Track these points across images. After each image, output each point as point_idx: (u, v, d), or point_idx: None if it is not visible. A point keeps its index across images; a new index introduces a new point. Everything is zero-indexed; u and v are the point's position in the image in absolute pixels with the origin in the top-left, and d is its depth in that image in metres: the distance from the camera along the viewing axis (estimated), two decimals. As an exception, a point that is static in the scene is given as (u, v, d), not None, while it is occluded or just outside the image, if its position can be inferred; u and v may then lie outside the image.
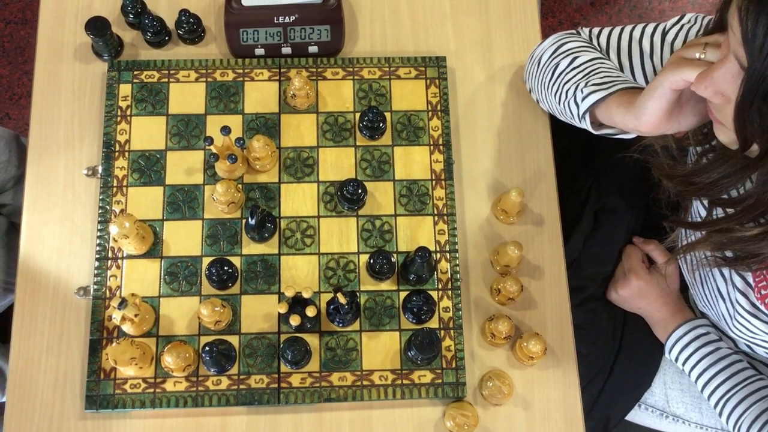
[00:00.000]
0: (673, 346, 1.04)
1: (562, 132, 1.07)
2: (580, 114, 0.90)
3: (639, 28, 0.95)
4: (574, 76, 0.92)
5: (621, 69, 0.96)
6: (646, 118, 0.78)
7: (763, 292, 0.84)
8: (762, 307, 0.83)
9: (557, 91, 0.95)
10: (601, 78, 0.89)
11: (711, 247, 0.81)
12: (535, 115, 1.07)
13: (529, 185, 1.04)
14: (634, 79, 0.95)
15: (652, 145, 0.89)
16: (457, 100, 1.07)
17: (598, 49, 0.98)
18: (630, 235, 1.13)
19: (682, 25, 0.91)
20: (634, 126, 0.81)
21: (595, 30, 0.99)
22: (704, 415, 1.10)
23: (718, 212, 0.83)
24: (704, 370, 0.99)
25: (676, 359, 1.03)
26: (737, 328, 0.91)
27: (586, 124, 0.91)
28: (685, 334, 1.02)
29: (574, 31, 1.00)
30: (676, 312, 1.06)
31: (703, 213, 0.88)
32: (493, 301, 0.99)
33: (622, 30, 0.97)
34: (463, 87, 1.08)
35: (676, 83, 0.73)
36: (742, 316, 0.88)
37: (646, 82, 0.95)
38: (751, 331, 0.89)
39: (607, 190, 1.15)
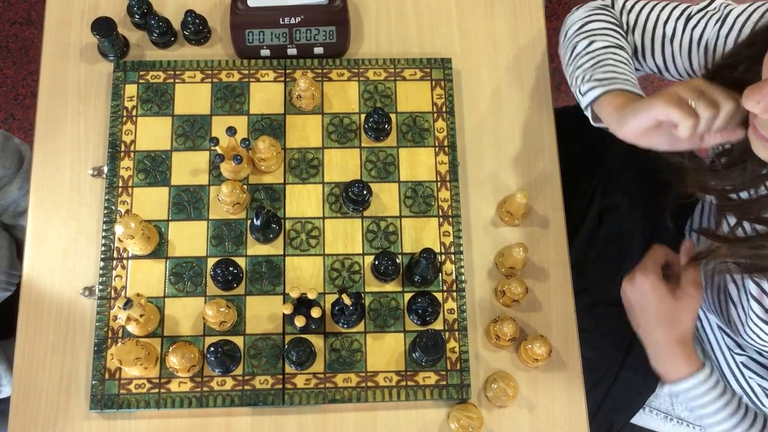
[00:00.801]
0: (678, 392, 0.94)
1: (568, 135, 1.07)
2: (583, 106, 0.93)
3: (668, 8, 0.95)
4: (587, 62, 0.93)
5: (642, 49, 0.96)
6: (625, 129, 0.81)
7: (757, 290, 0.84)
8: None
9: (571, 73, 0.97)
10: (605, 73, 0.90)
11: (736, 258, 0.81)
12: (541, 117, 1.07)
13: (535, 187, 1.04)
14: (653, 59, 0.96)
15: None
16: (463, 101, 1.07)
17: (624, 27, 0.97)
18: (635, 235, 1.13)
19: (707, 12, 0.91)
20: (614, 130, 0.84)
21: (629, 3, 0.98)
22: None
23: (747, 228, 0.82)
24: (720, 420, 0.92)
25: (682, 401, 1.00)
26: (748, 335, 0.91)
27: (588, 114, 0.93)
28: (695, 386, 0.92)
29: (608, 3, 0.99)
30: (675, 343, 0.92)
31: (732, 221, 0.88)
32: (497, 303, 0.99)
33: (652, 9, 0.96)
34: (469, 89, 1.08)
35: (662, 116, 0.75)
36: (755, 323, 0.88)
37: (660, 67, 0.96)
38: (762, 339, 0.89)
39: (612, 192, 1.15)
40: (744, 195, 0.82)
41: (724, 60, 0.81)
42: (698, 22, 0.91)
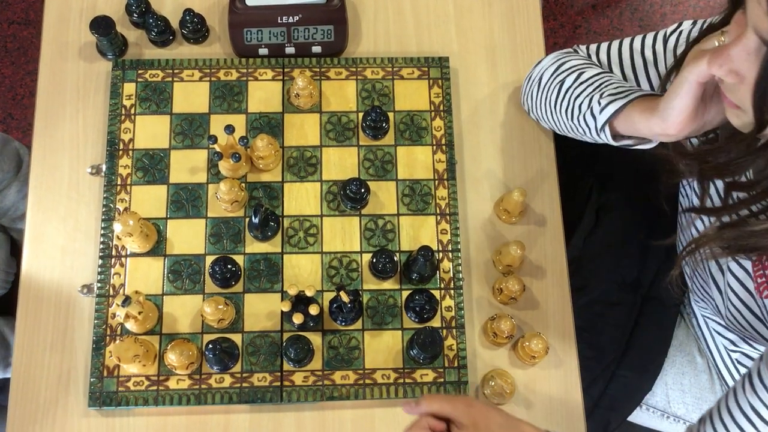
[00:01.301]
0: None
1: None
2: (599, 126, 0.88)
3: (638, 39, 0.94)
4: (585, 89, 0.91)
5: (626, 81, 0.95)
6: (673, 119, 0.77)
7: (759, 280, 0.84)
8: (758, 297, 0.84)
9: (567, 107, 0.93)
10: (616, 89, 0.88)
11: (722, 243, 0.79)
12: (538, 116, 1.08)
13: (532, 185, 1.04)
14: (664, 88, 0.92)
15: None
16: (460, 100, 1.08)
17: (599, 65, 0.97)
18: (633, 233, 1.13)
19: (681, 31, 0.90)
20: (662, 129, 0.79)
21: (593, 47, 0.98)
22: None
23: (734, 199, 0.81)
24: None
25: None
26: (729, 319, 0.91)
27: (605, 136, 0.89)
28: None
29: (571, 50, 1.00)
30: None
31: (718, 202, 0.86)
32: (495, 301, 0.99)
33: (621, 43, 0.96)
34: (466, 87, 1.09)
35: (701, 74, 0.71)
36: (735, 306, 0.88)
37: (653, 90, 0.94)
38: (741, 323, 0.89)
39: (609, 189, 1.15)
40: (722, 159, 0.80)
41: (698, 36, 0.78)
42: (677, 40, 0.90)
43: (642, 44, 0.93)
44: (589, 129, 0.91)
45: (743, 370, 1.05)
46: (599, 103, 0.87)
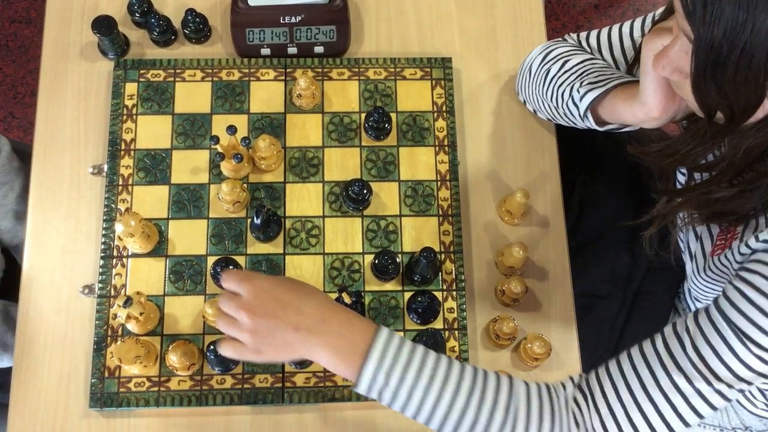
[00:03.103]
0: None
1: None
2: (582, 113, 0.91)
3: (627, 23, 0.96)
4: (567, 78, 0.93)
5: (616, 65, 0.96)
6: (651, 101, 0.80)
7: (718, 242, 0.86)
8: (711, 258, 0.85)
9: (553, 95, 0.95)
10: (596, 77, 0.90)
11: (692, 207, 0.84)
12: (540, 117, 1.07)
13: (534, 187, 1.04)
14: (631, 73, 0.95)
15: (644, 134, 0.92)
16: (463, 101, 1.07)
17: (589, 51, 0.98)
18: (617, 222, 1.13)
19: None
20: (644, 114, 0.82)
21: (583, 34, 1.00)
22: None
23: (697, 178, 0.85)
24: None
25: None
26: (698, 290, 0.93)
27: (589, 123, 0.92)
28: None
29: (560, 39, 1.01)
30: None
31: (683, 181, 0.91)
32: (497, 302, 0.99)
33: (610, 29, 0.97)
34: (469, 88, 1.08)
35: (658, 43, 0.75)
36: (700, 275, 0.91)
37: None
38: (705, 293, 0.92)
39: (593, 182, 1.16)
40: (709, 158, 0.84)
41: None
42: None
43: (631, 27, 0.95)
44: (574, 117, 0.93)
45: None
46: (578, 92, 0.90)
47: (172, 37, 1.08)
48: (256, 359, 0.79)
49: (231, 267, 0.94)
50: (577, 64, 0.94)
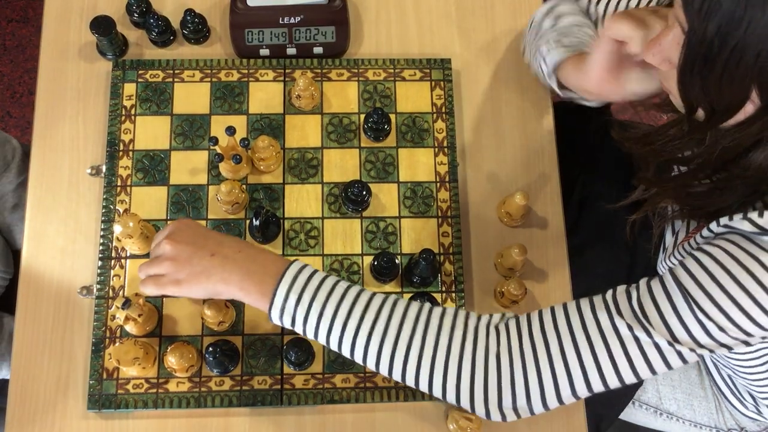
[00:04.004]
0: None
1: None
2: (547, 73, 0.95)
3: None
4: (551, 35, 0.95)
5: None
6: (591, 73, 0.84)
7: (690, 234, 0.86)
8: (678, 246, 0.86)
9: (534, 51, 0.98)
10: (570, 41, 0.92)
11: (668, 199, 0.85)
12: (540, 119, 1.07)
13: (534, 188, 1.04)
14: None
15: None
16: (462, 102, 1.07)
17: (593, 17, 0.99)
18: (617, 223, 1.12)
19: None
20: (583, 82, 0.86)
21: None
22: (696, 412, 1.10)
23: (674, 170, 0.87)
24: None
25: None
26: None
27: (553, 85, 0.95)
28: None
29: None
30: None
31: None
32: (496, 304, 0.99)
33: (618, 1, 0.97)
34: (468, 89, 1.08)
35: (617, 33, 0.78)
36: (663, 264, 0.92)
37: None
38: None
39: (592, 182, 1.16)
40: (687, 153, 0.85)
41: None
42: None
43: (638, 3, 0.95)
44: (545, 75, 0.96)
45: (729, 366, 1.05)
46: (549, 51, 0.93)
47: (171, 38, 1.07)
48: (177, 291, 0.83)
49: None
50: (567, 25, 0.95)
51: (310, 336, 0.80)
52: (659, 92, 0.85)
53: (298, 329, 0.80)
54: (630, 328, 0.72)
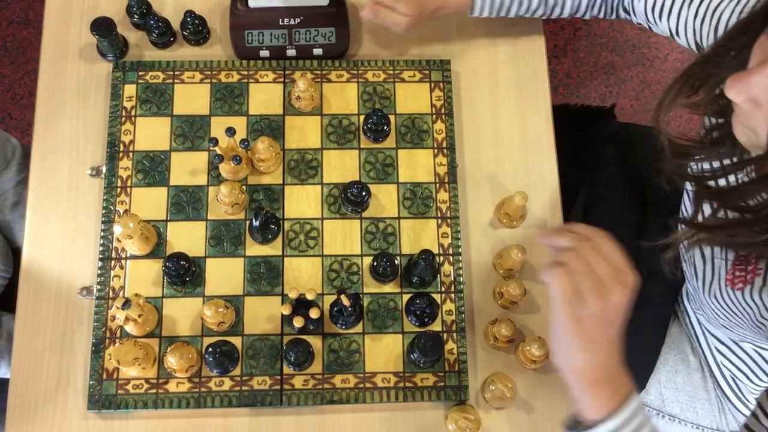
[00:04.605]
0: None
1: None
2: None
3: None
4: None
5: (661, 8, 0.95)
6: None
7: (737, 273, 0.83)
8: (727, 288, 0.84)
9: None
10: None
11: (714, 245, 0.80)
12: (539, 119, 1.07)
13: (533, 189, 1.04)
14: (668, 21, 0.94)
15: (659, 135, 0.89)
16: (461, 103, 1.08)
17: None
18: (622, 228, 1.13)
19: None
20: None
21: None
22: (699, 414, 1.10)
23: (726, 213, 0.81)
24: None
25: None
26: (710, 302, 0.92)
27: None
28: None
29: None
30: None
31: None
32: (495, 305, 0.99)
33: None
34: (467, 90, 1.08)
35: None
36: (710, 298, 0.89)
37: (672, 30, 0.95)
38: (723, 309, 0.90)
39: (597, 186, 1.16)
40: (722, 183, 0.80)
41: (719, 43, 0.76)
42: (733, 11, 0.87)
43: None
44: None
45: (733, 369, 1.05)
46: None
47: (171, 39, 1.08)
48: (575, 308, 0.71)
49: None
50: None
51: None
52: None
53: None
54: None
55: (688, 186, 1.00)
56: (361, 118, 1.04)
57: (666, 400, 1.10)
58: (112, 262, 0.96)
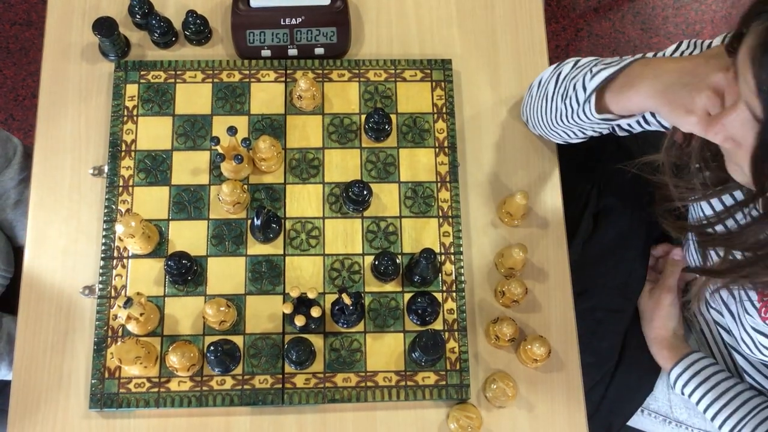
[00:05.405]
0: (675, 381, 1.03)
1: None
2: (588, 94, 0.84)
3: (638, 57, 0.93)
4: (581, 71, 0.88)
5: None
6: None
7: (764, 313, 0.84)
8: (764, 322, 0.84)
9: (564, 92, 0.90)
10: (611, 60, 0.85)
11: (729, 285, 0.82)
12: (540, 119, 1.07)
13: (534, 188, 1.04)
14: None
15: (656, 162, 0.90)
16: (463, 102, 1.08)
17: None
18: (631, 238, 1.13)
19: (682, 52, 0.89)
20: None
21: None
22: (707, 421, 1.09)
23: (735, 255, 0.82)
24: (711, 404, 0.98)
25: (682, 393, 1.03)
26: (745, 342, 0.91)
27: (589, 107, 0.85)
28: (684, 370, 1.01)
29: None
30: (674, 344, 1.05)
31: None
32: (497, 304, 0.99)
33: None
34: (469, 90, 1.08)
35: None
36: (749, 334, 0.88)
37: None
38: (758, 348, 0.89)
39: (607, 195, 1.15)
40: (721, 229, 0.81)
41: None
42: (691, 54, 0.88)
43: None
44: (573, 110, 0.88)
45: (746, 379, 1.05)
46: (591, 71, 0.84)
47: (173, 39, 1.08)
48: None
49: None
50: (590, 60, 0.90)
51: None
52: None
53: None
54: None
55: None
56: (363, 117, 1.04)
57: (674, 406, 1.10)
58: (114, 261, 0.97)
